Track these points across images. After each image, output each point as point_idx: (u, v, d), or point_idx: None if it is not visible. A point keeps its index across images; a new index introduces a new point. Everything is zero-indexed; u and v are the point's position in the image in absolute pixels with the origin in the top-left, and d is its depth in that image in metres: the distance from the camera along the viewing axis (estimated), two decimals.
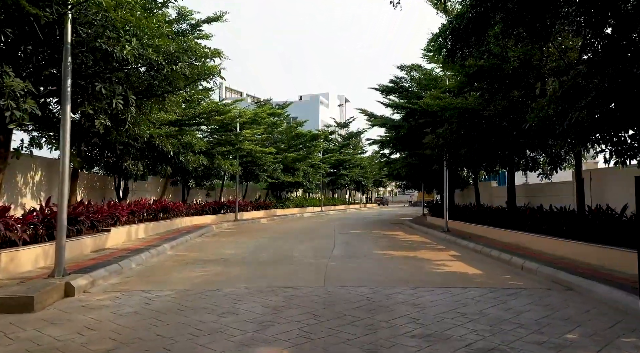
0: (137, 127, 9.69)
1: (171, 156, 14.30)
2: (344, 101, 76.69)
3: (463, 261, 10.71)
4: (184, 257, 11.00)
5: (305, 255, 11.61)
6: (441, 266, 9.90)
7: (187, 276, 8.43)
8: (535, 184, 16.47)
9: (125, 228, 13.05)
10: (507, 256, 10.44)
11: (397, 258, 11.28)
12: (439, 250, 13.16)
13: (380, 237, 17.05)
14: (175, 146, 14.30)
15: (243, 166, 26.87)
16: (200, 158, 15.60)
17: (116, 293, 6.86)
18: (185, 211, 21.00)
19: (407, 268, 9.65)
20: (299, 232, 19.08)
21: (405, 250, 12.86)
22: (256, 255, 11.55)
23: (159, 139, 13.36)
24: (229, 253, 11.91)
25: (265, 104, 29.87)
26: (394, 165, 24.30)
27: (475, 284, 7.83)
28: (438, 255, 11.85)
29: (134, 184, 18.83)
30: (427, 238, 16.87)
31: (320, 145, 37.03)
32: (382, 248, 13.42)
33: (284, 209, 34.58)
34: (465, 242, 13.89)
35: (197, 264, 9.89)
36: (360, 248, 13.34)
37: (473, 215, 17.75)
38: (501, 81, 10.62)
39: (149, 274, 8.56)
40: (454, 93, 13.52)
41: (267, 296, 6.77)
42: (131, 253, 10.41)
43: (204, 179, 23.00)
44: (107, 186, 15.88)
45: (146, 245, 12.14)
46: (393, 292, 7.08)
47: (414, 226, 22.14)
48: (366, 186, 56.32)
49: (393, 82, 18.53)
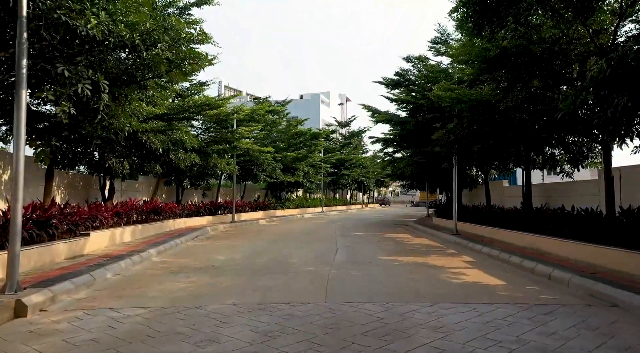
0: (116, 120, 8.61)
1: (160, 154, 13.22)
2: (345, 100, 75.52)
3: (480, 269, 9.62)
4: (170, 264, 9.91)
5: (305, 261, 10.51)
6: (458, 275, 8.80)
7: (169, 288, 7.33)
8: (554, 184, 15.37)
9: (109, 231, 11.96)
10: (531, 264, 9.34)
11: (406, 264, 10.18)
12: (450, 255, 12.06)
13: (385, 240, 15.95)
14: (165, 143, 13.22)
15: (240, 165, 25.79)
16: (192, 156, 14.49)
17: (78, 313, 5.77)
18: (179, 213, 19.92)
19: (420, 277, 8.55)
20: (299, 234, 17.99)
21: (414, 255, 11.76)
22: (251, 261, 10.45)
23: (146, 135, 12.27)
24: (221, 259, 10.81)
25: (264, 102, 28.77)
26: (398, 164, 23.17)
27: (502, 298, 6.73)
28: (451, 261, 10.75)
29: (124, 184, 17.76)
30: (435, 241, 15.77)
31: (321, 144, 35.89)
32: (389, 252, 12.33)
33: (284, 210, 33.49)
34: (478, 246, 12.79)
35: (183, 273, 8.80)
36: (365, 252, 12.25)
37: (484, 217, 16.64)
38: (524, 67, 9.52)
39: (124, 286, 7.46)
40: (467, 84, 12.42)
41: (259, 316, 5.67)
42: (110, 260, 9.32)
43: (200, 179, 21.90)
44: (92, 186, 14.81)
45: (130, 250, 11.05)
46: (408, 310, 5.98)
47: (420, 228, 21.04)
48: (368, 186, 55.16)
49: (399, 75, 17.38)
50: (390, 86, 17.57)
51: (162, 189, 21.55)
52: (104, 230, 11.79)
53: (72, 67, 6.28)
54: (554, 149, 12.62)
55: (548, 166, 12.94)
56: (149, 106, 12.45)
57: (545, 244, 11.16)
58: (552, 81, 9.57)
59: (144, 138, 12.47)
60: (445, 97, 11.95)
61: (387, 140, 24.31)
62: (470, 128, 12.83)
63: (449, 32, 17.53)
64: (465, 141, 13.40)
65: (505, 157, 13.20)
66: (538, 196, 14.97)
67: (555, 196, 14.40)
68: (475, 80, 12.24)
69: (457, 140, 13.38)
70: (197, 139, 16.48)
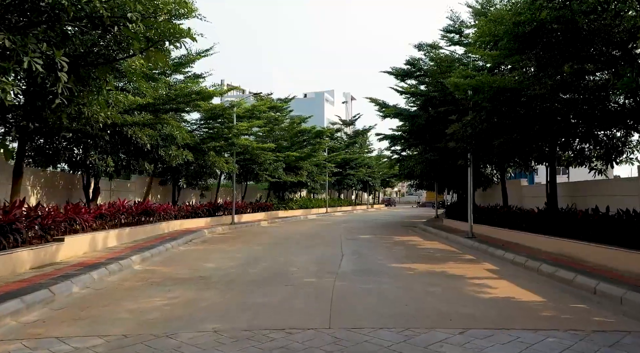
0: (87, 108, 7.42)
1: (148, 150, 12.02)
2: (350, 98, 74.17)
3: (508, 279, 8.35)
4: (152, 274, 8.69)
5: (306, 269, 9.27)
6: (484, 288, 7.53)
7: (142, 307, 6.11)
8: (582, 183, 14.01)
9: (89, 235, 10.77)
10: (567, 274, 8.05)
11: (422, 274, 8.91)
12: (469, 262, 10.79)
13: (394, 244, 14.68)
14: (153, 138, 12.01)
15: (241, 164, 24.58)
16: (185, 153, 13.28)
17: (12, 346, 4.55)
18: (175, 214, 18.75)
19: (441, 291, 7.29)
20: (301, 237, 16.76)
21: (428, 262, 10.50)
22: (245, 270, 9.21)
23: (131, 129, 11.08)
24: (212, 267, 9.59)
25: (266, 98, 27.55)
26: (407, 162, 21.86)
27: (548, 322, 5.46)
28: (472, 270, 9.48)
29: (113, 184, 16.60)
30: (449, 245, 14.49)
31: (325, 142, 34.66)
32: (400, 259, 11.07)
33: (287, 211, 32.27)
34: (499, 252, 11.50)
35: (164, 285, 7.58)
36: (374, 259, 10.99)
37: (502, 218, 15.33)
38: (559, 46, 8.23)
39: (88, 304, 6.24)
40: (489, 70, 11.14)
41: (244, 349, 4.44)
42: (82, 270, 8.12)
43: (197, 179, 20.69)
44: (76, 186, 13.63)
45: (111, 257, 9.85)
46: (434, 340, 4.72)
47: (430, 230, 19.75)
48: (373, 186, 53.85)
49: (409, 64, 16.01)
50: (400, 77, 16.23)
51: (157, 189, 20.39)
52: (84, 234, 10.60)
53: (16, 37, 5.09)
54: (584, 143, 11.30)
55: (577, 162, 11.62)
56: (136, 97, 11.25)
57: (580, 250, 9.86)
58: (591, 63, 8.30)
59: (130, 132, 11.28)
60: (464, 85, 10.67)
61: (395, 137, 23.05)
62: (491, 120, 11.55)
63: (463, 20, 16.26)
64: (484, 135, 12.11)
65: (529, 153, 11.89)
66: (563, 196, 13.65)
67: (585, 195, 13.07)
68: (498, 66, 10.96)
69: (475, 134, 12.09)
70: (190, 134, 15.26)
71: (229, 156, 22.87)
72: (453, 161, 16.27)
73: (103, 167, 11.24)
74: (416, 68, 15.69)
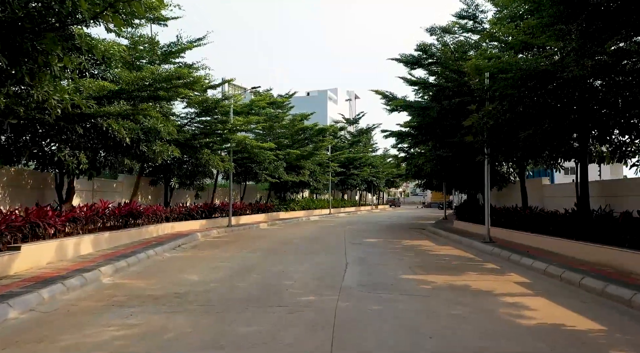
0: (37, 91, 6.04)
1: (127, 145, 10.64)
2: (354, 97, 72.62)
3: (546, 297, 6.92)
4: (119, 291, 7.29)
5: (303, 284, 7.85)
6: (521, 310, 6.09)
7: (86, 341, 4.71)
8: (618, 181, 12.54)
9: (56, 242, 9.39)
10: (623, 292, 6.60)
11: (441, 289, 7.48)
12: (493, 272, 9.34)
13: (404, 250, 13.25)
14: (134, 132, 10.63)
15: (238, 162, 23.21)
16: (171, 149, 11.89)
17: None
18: (167, 216, 17.40)
19: (469, 314, 5.86)
20: (302, 242, 15.34)
21: (446, 273, 9.06)
22: (232, 284, 7.80)
23: (105, 120, 9.68)
24: (194, 280, 8.18)
25: (265, 94, 26.16)
26: (415, 160, 20.38)
27: None
28: (499, 284, 8.04)
29: (97, 183, 15.25)
30: (465, 251, 13.04)
31: (328, 140, 33.19)
32: (413, 268, 9.63)
33: (288, 212, 30.86)
34: (526, 260, 10.05)
35: (128, 307, 6.18)
36: (383, 269, 9.56)
37: (523, 221, 13.86)
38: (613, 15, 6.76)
39: (17, 337, 4.84)
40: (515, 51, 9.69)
41: None
42: (33, 286, 6.73)
43: (191, 178, 19.30)
44: (49, 186, 12.26)
45: (77, 267, 8.47)
46: None
47: (441, 233, 18.27)
48: (378, 186, 52.32)
49: (420, 50, 14.41)
50: (410, 65, 14.74)
51: (147, 190, 19.04)
52: (49, 241, 9.23)
53: None
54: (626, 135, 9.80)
55: (614, 158, 10.13)
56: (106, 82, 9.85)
57: (626, 260, 8.41)
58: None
59: (105, 125, 9.89)
60: (487, 68, 9.25)
61: (402, 134, 21.57)
62: (515, 110, 10.09)
63: (478, 3, 14.79)
64: (506, 128, 10.65)
65: (558, 147, 10.42)
66: (592, 196, 12.17)
67: (621, 196, 11.60)
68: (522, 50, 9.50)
69: (498, 126, 10.64)
70: (178, 129, 13.84)
71: (226, 155, 21.49)
72: (468, 157, 14.82)
73: (74, 164, 9.85)
74: (428, 54, 14.16)
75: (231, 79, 16.38)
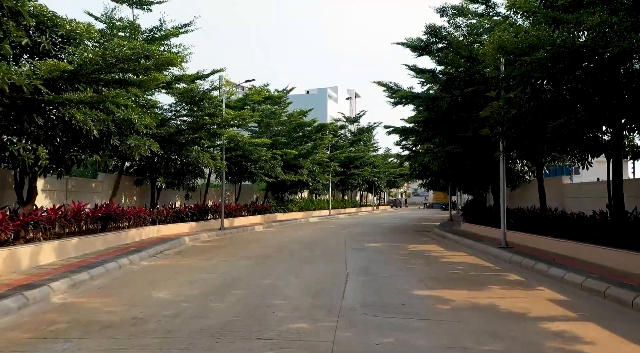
0: None
1: (95, 138, 9.24)
2: (354, 95, 71.11)
3: (597, 323, 5.53)
4: (65, 314, 5.88)
5: (295, 305, 6.44)
6: (575, 345, 4.70)
7: None
8: None
9: (6, 251, 7.99)
10: None
11: (463, 310, 6.08)
12: (519, 286, 7.93)
13: (411, 256, 11.84)
14: (103, 123, 9.21)
15: (232, 161, 21.81)
16: (148, 142, 10.44)
17: None
18: (153, 219, 16.02)
19: (509, 349, 4.46)
20: (299, 247, 13.94)
21: (464, 286, 7.67)
22: (205, 306, 6.38)
23: (65, 109, 8.27)
24: (162, 299, 6.76)
25: (261, 88, 24.75)
26: (420, 158, 18.94)
27: None
28: (531, 302, 6.64)
29: (71, 183, 13.86)
30: (480, 257, 11.64)
31: (327, 138, 31.73)
32: (424, 280, 8.23)
33: (286, 214, 29.44)
34: (555, 270, 8.65)
35: (63, 341, 4.77)
36: (390, 281, 8.15)
37: (543, 224, 12.46)
38: None
39: None
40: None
41: None
42: None
43: (180, 178, 17.89)
44: (9, 185, 10.85)
45: (24, 282, 7.08)
46: None
47: (449, 236, 16.86)
48: (379, 186, 50.85)
49: (430, 33, 12.71)
50: (418, 50, 13.25)
51: (131, 190, 17.66)
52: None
53: None
54: None
55: None
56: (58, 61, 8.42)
57: None
58: None
59: (66, 114, 8.49)
60: (514, 44, 7.81)
61: (406, 130, 20.14)
62: (542, 97, 8.68)
63: None
64: (531, 118, 9.22)
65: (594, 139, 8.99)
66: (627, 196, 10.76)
67: None
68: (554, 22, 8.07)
69: (520, 116, 9.22)
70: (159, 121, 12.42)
71: (218, 152, 20.09)
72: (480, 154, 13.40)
73: (31, 160, 8.44)
74: (438, 37, 12.67)
75: (221, 69, 14.97)
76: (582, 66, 7.74)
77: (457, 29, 11.92)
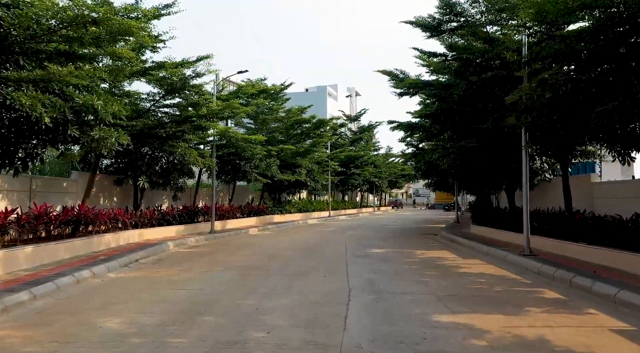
0: None
1: (49, 127, 7.69)
2: (354, 93, 69.50)
3: None
4: None
5: (281, 339, 4.88)
6: None
7: None
8: None
9: None
10: None
11: (507, 349, 4.53)
12: (563, 307, 6.37)
13: (423, 266, 10.28)
14: (58, 110, 7.66)
15: (224, 159, 20.28)
16: (116, 135, 8.86)
17: None
18: (135, 222, 14.49)
19: None
20: (294, 254, 12.38)
21: (495, 309, 6.13)
22: (161, 343, 4.82)
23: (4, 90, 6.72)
24: (109, 331, 5.20)
25: (256, 81, 23.20)
26: (428, 155, 17.38)
27: None
28: (588, 334, 5.09)
29: (38, 183, 12.31)
30: (501, 267, 10.09)
31: (327, 135, 30.17)
32: (444, 300, 6.68)
33: (284, 215, 27.86)
34: (602, 286, 7.08)
35: None
36: (403, 303, 6.58)
37: (573, 229, 10.89)
38: None
39: None
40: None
41: None
42: None
43: (165, 177, 16.33)
44: None
45: None
46: None
47: (459, 240, 15.28)
48: (380, 187, 49.25)
49: (444, 6, 10.99)
50: (430, 30, 11.59)
51: (111, 190, 16.09)
52: None
53: None
54: None
55: None
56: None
57: None
58: None
59: (8, 98, 6.93)
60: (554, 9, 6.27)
61: (412, 125, 18.58)
62: (585, 76, 7.13)
63: None
64: (568, 103, 7.67)
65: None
66: None
67: None
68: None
69: (556, 101, 7.67)
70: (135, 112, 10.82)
71: (208, 149, 18.55)
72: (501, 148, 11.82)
73: None
74: (455, 13, 10.98)
75: (209, 55, 13.39)
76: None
77: (475, 5, 10.39)
